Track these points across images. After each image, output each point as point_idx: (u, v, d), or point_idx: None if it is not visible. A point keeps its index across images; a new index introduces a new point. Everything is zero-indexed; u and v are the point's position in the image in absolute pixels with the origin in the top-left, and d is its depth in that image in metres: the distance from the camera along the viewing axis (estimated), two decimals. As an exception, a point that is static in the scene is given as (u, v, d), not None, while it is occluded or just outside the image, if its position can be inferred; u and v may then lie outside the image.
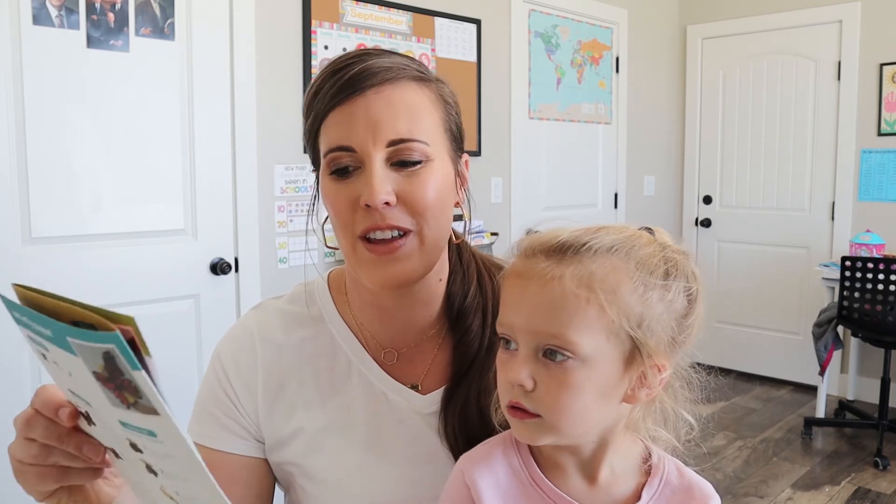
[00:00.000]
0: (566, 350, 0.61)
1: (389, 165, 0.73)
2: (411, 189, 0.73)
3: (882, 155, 4.02)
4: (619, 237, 0.65)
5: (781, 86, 4.33)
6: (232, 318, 2.62)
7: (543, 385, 0.62)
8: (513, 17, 3.60)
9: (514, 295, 0.65)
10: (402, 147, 0.72)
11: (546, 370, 0.62)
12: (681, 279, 0.67)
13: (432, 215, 0.74)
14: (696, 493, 0.69)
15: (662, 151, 4.69)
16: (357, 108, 0.72)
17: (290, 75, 2.75)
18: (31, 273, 2.15)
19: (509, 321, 0.65)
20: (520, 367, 0.62)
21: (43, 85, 2.14)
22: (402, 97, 0.73)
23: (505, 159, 3.62)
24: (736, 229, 4.59)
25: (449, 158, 0.78)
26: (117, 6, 2.27)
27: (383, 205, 0.71)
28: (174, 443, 0.48)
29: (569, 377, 0.62)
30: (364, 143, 0.72)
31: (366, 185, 0.71)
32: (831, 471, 3.24)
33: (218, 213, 2.56)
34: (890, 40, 3.95)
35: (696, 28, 4.66)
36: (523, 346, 0.63)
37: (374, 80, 0.72)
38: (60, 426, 0.58)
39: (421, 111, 0.74)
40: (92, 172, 2.27)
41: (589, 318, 0.61)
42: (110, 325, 0.43)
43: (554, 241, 0.64)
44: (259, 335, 0.84)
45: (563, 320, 0.61)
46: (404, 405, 0.82)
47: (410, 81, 0.75)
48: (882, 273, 3.28)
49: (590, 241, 0.64)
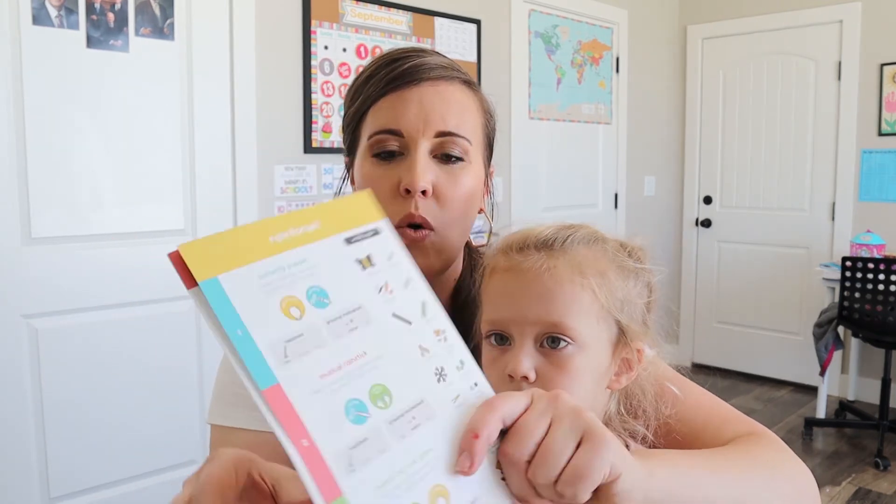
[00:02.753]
0: (566, 336, 0.63)
1: (432, 157, 0.76)
2: (448, 184, 0.76)
3: (882, 155, 4.01)
4: (589, 231, 0.69)
5: (782, 86, 4.33)
6: (232, 319, 2.61)
7: (545, 374, 0.63)
8: (513, 17, 3.60)
9: (507, 289, 0.66)
10: (448, 140, 0.76)
11: (546, 359, 0.64)
12: (644, 262, 0.71)
13: (459, 214, 0.77)
14: None
15: (662, 151, 4.69)
16: (412, 95, 0.75)
17: (290, 75, 2.75)
18: (31, 273, 2.15)
19: (504, 316, 0.65)
20: (521, 359, 0.63)
21: (43, 85, 2.14)
22: (454, 95, 0.77)
23: (505, 159, 3.62)
24: (736, 229, 4.59)
25: (483, 164, 0.82)
26: (117, 6, 2.27)
27: (420, 193, 0.73)
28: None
29: (569, 363, 0.64)
30: (414, 129, 0.75)
31: (408, 171, 0.74)
32: (832, 471, 3.24)
33: (218, 213, 2.56)
34: (890, 40, 3.95)
35: (696, 28, 4.66)
36: (521, 338, 0.64)
37: (431, 74, 0.76)
38: None
39: (469, 112, 0.78)
40: (92, 172, 2.27)
41: (584, 304, 0.64)
42: None
43: (540, 235, 0.67)
44: None
45: (561, 307, 0.63)
46: None
47: (461, 84, 0.79)
48: (882, 273, 3.28)
49: (571, 234, 0.67)
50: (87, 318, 2.26)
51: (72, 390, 2.23)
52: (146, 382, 2.39)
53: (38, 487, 2.19)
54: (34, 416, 2.17)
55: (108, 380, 2.28)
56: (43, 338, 2.18)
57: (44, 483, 2.20)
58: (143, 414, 2.37)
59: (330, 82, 2.86)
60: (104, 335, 2.29)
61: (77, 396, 2.24)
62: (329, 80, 2.85)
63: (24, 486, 2.16)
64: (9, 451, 2.13)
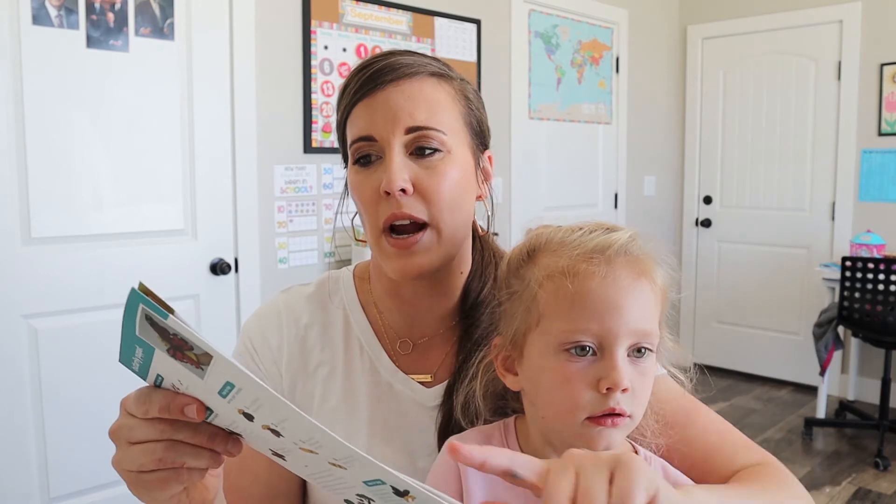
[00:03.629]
0: (651, 344, 0.65)
1: (409, 154, 0.76)
2: (427, 178, 0.76)
3: (882, 155, 4.01)
4: (633, 230, 0.69)
5: (782, 86, 4.33)
6: (232, 319, 2.62)
7: (636, 384, 0.64)
8: (513, 17, 3.60)
9: (604, 298, 0.64)
10: (419, 134, 0.76)
11: (635, 368, 0.64)
12: None
13: (448, 206, 0.77)
14: None
15: (662, 151, 4.68)
16: (377, 100, 0.76)
17: (290, 75, 2.75)
18: (31, 273, 2.15)
19: (603, 326, 0.63)
20: (621, 370, 0.63)
21: (43, 85, 2.14)
22: (420, 90, 0.77)
23: (505, 159, 3.62)
24: (736, 229, 4.59)
25: (470, 152, 0.81)
26: (117, 6, 2.27)
27: (399, 192, 0.74)
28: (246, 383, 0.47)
29: (650, 371, 0.66)
30: (384, 131, 0.76)
31: (384, 173, 0.75)
32: (832, 471, 3.24)
33: (218, 213, 2.56)
34: (890, 40, 3.95)
35: (696, 28, 4.66)
36: (617, 348, 0.63)
37: (395, 74, 0.77)
38: (186, 424, 0.55)
39: (439, 104, 0.78)
40: (92, 172, 2.27)
41: (658, 313, 0.67)
42: (133, 290, 0.46)
43: (620, 241, 0.66)
44: (286, 315, 0.88)
45: (652, 317, 0.66)
46: (409, 396, 0.83)
47: (429, 77, 0.79)
48: (882, 273, 3.28)
49: (635, 237, 0.68)
50: (87, 318, 2.26)
51: (72, 390, 2.23)
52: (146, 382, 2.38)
53: (38, 487, 2.19)
54: (34, 415, 2.17)
55: (108, 380, 2.28)
56: (43, 338, 2.18)
57: (44, 483, 2.20)
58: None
59: (330, 82, 2.86)
60: (104, 335, 2.29)
61: (77, 396, 2.24)
62: (329, 80, 2.85)
63: (24, 486, 2.16)
64: (9, 451, 2.13)
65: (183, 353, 0.47)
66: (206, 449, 0.56)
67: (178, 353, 0.48)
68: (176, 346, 0.47)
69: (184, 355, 0.48)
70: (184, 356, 0.48)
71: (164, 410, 0.54)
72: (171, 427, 0.54)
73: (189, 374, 0.49)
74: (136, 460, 0.55)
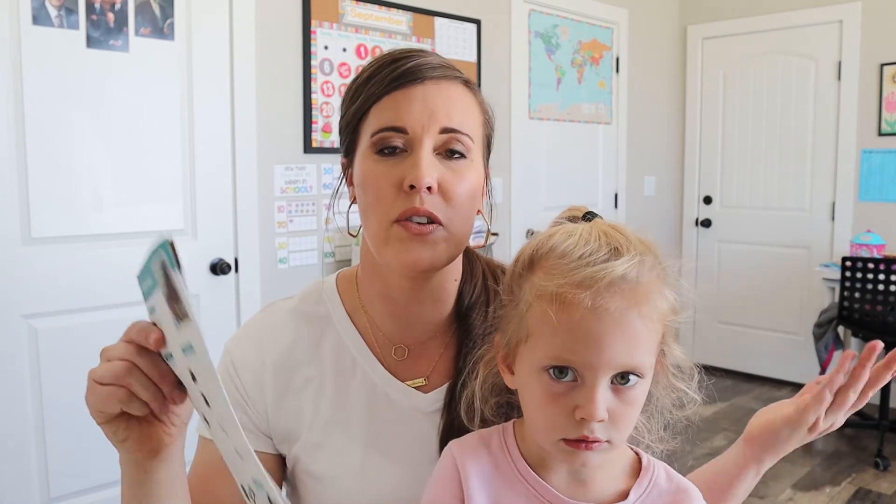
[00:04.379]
0: (639, 373, 0.64)
1: (436, 154, 0.76)
2: (453, 180, 0.76)
3: (882, 155, 4.01)
4: (642, 249, 0.65)
5: (781, 86, 4.33)
6: (232, 319, 2.62)
7: (615, 412, 0.63)
8: (513, 17, 3.60)
9: (586, 330, 0.62)
10: (452, 136, 0.76)
11: (617, 396, 0.63)
12: (676, 271, 0.70)
13: (463, 210, 0.77)
14: (683, 497, 0.70)
15: (662, 151, 4.68)
16: (415, 93, 0.76)
17: (290, 75, 2.75)
18: (31, 273, 2.15)
19: (583, 359, 0.62)
20: (597, 403, 0.62)
21: (43, 85, 2.14)
22: (456, 93, 0.79)
23: (505, 159, 3.62)
24: (736, 229, 4.59)
25: (482, 163, 0.83)
26: (117, 6, 2.27)
27: (425, 189, 0.73)
28: (201, 353, 0.55)
29: (637, 398, 0.65)
30: (418, 125, 0.75)
31: (413, 167, 0.74)
32: (832, 471, 3.24)
33: (218, 213, 2.56)
34: (890, 40, 3.95)
35: (696, 28, 4.66)
36: (596, 379, 0.62)
37: (434, 73, 0.77)
38: (149, 352, 0.62)
39: (470, 110, 0.80)
40: (92, 172, 2.27)
41: (652, 342, 0.65)
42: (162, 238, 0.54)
43: (617, 272, 0.62)
44: (268, 333, 0.86)
45: (642, 348, 0.63)
46: (406, 404, 0.82)
47: (461, 84, 0.80)
48: (882, 273, 3.28)
49: (638, 265, 0.64)
50: (87, 318, 2.26)
51: (72, 390, 2.23)
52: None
53: (38, 487, 2.19)
54: (34, 416, 2.17)
55: (108, 380, 2.28)
56: (43, 338, 2.18)
57: (44, 483, 2.20)
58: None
59: (330, 82, 2.86)
60: (104, 335, 2.27)
61: (77, 396, 2.23)
62: (329, 80, 2.85)
63: (24, 486, 2.16)
64: (9, 451, 2.13)
65: (172, 303, 0.55)
66: (153, 385, 0.62)
67: (169, 300, 0.55)
68: (170, 295, 0.55)
69: (172, 305, 0.55)
70: (171, 306, 0.55)
71: (137, 335, 0.61)
72: (136, 351, 0.61)
73: (170, 320, 0.57)
74: (99, 371, 0.62)
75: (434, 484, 0.70)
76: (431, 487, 0.70)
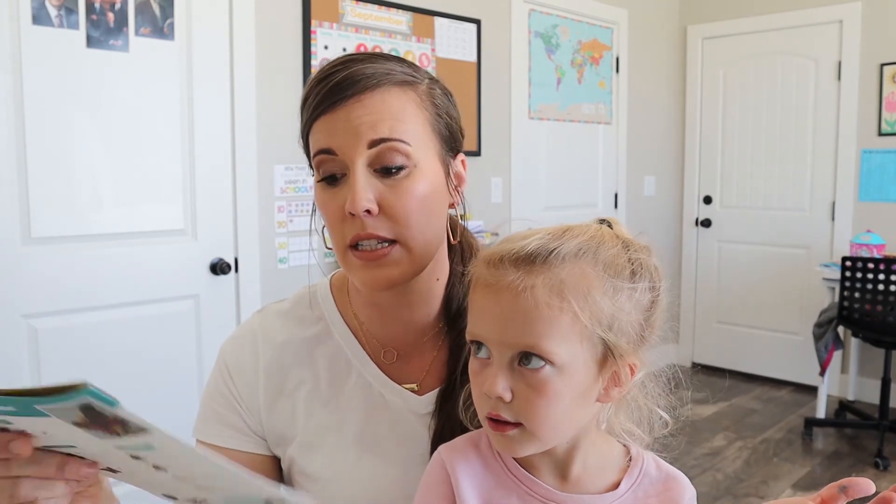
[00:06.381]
0: (543, 357, 0.62)
1: (373, 172, 0.74)
2: (394, 199, 0.73)
3: (882, 155, 4.01)
4: (583, 239, 0.65)
5: (781, 86, 4.33)
6: (232, 319, 2.62)
7: (522, 395, 0.62)
8: (513, 17, 3.60)
9: (485, 306, 0.64)
10: (383, 147, 0.73)
11: (523, 379, 0.62)
12: (646, 277, 0.67)
13: (416, 224, 0.75)
14: (673, 484, 0.71)
15: (662, 151, 4.69)
16: (339, 116, 0.74)
17: (290, 75, 2.75)
18: (31, 273, 2.15)
19: (482, 332, 0.64)
20: (496, 380, 0.62)
21: (43, 85, 2.14)
22: (383, 101, 0.74)
23: (505, 159, 3.62)
24: (736, 229, 4.59)
25: (439, 160, 0.78)
26: (117, 6, 2.27)
27: (364, 213, 0.72)
28: (171, 447, 0.53)
29: (546, 385, 0.62)
30: (345, 145, 0.73)
31: (349, 193, 0.73)
32: (832, 471, 3.24)
33: (218, 213, 2.56)
34: (890, 40, 3.95)
35: (696, 28, 4.66)
36: (497, 356, 0.63)
37: (356, 88, 0.73)
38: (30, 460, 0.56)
39: (403, 114, 0.75)
40: (92, 172, 2.27)
41: (563, 327, 0.62)
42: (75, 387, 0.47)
43: (521, 250, 0.63)
44: (261, 336, 0.86)
45: (538, 331, 0.61)
46: (401, 406, 0.82)
47: (392, 87, 0.75)
48: (882, 273, 3.28)
49: (557, 247, 0.63)
50: (87, 318, 2.26)
51: (72, 390, 2.23)
52: (146, 382, 2.39)
53: (37, 487, 2.19)
54: (34, 416, 2.17)
55: (107, 380, 2.28)
56: (43, 338, 2.18)
57: (44, 483, 2.20)
58: (143, 414, 2.36)
59: (330, 82, 2.86)
60: (104, 335, 2.29)
61: (77, 396, 2.24)
62: (329, 80, 2.85)
63: (24, 486, 2.16)
64: (9, 451, 2.13)
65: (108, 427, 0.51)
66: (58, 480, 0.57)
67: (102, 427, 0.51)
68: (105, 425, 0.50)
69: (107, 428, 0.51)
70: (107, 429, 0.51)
71: None
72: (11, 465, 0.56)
73: (95, 439, 0.52)
74: None
75: (424, 488, 0.70)
76: (422, 492, 0.71)
